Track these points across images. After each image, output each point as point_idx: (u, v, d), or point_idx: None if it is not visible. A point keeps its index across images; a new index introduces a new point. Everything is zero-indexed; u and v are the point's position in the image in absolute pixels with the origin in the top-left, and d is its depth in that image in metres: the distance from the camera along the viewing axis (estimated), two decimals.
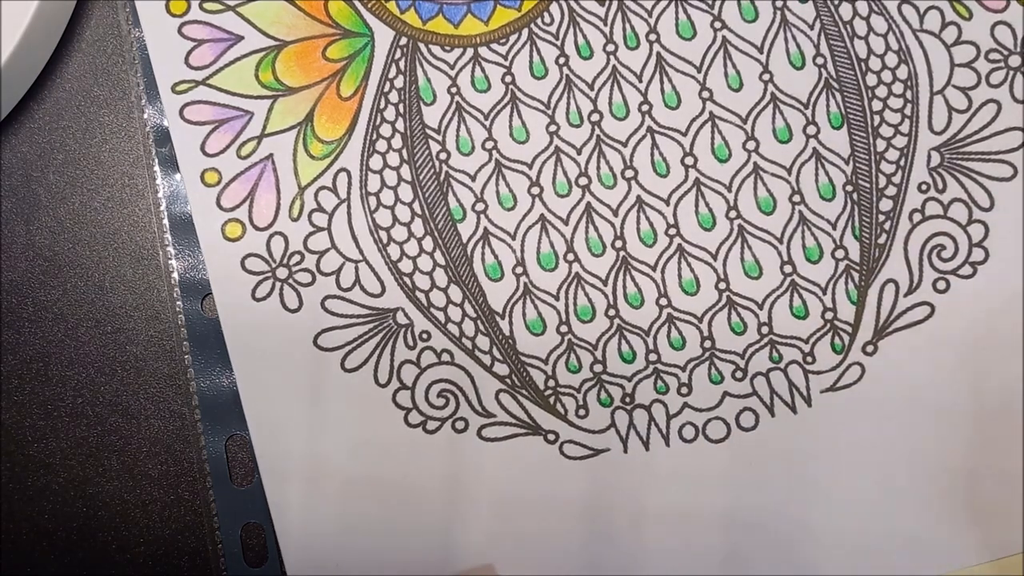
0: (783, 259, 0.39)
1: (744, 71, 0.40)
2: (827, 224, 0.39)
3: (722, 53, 0.40)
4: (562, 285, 0.39)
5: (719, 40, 0.40)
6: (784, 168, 0.39)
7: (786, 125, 0.39)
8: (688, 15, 0.40)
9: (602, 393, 0.39)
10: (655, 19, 0.40)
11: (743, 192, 0.39)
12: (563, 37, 0.40)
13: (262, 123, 0.39)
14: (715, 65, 0.40)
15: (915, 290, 0.39)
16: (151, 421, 0.39)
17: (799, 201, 0.39)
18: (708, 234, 0.39)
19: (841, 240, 0.39)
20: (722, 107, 0.40)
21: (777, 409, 0.39)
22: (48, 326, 0.40)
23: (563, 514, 0.38)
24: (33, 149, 0.40)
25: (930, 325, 0.39)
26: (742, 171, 0.39)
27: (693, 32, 0.40)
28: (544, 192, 0.39)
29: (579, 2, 0.40)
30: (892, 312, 0.39)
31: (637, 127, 0.40)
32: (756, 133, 0.39)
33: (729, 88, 0.40)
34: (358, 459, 0.38)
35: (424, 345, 0.39)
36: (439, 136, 0.40)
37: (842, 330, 0.39)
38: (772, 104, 0.40)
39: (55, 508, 0.39)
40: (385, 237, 0.39)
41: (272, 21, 0.40)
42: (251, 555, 0.38)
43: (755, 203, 0.39)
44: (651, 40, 0.40)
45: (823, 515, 0.38)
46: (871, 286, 0.39)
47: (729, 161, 0.39)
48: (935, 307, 0.39)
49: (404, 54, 0.40)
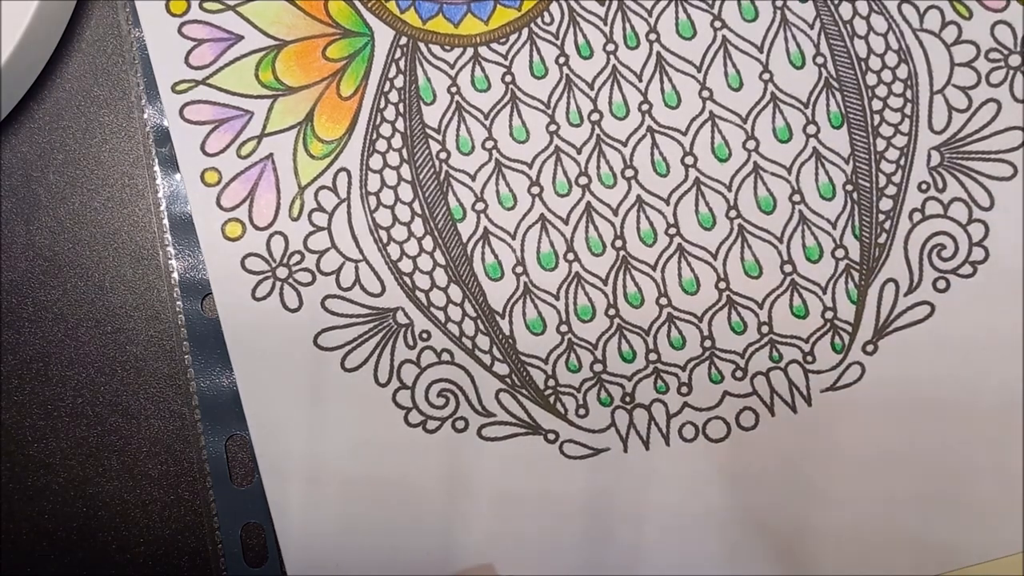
0: (783, 258, 0.39)
1: (744, 71, 0.40)
2: (827, 224, 0.39)
3: (722, 53, 0.40)
4: (562, 285, 0.39)
5: (719, 40, 0.40)
6: (784, 167, 0.39)
7: (786, 124, 0.39)
8: (688, 15, 0.40)
9: (602, 392, 0.39)
10: (655, 19, 0.40)
11: (743, 191, 0.39)
12: (563, 37, 0.40)
13: (262, 123, 0.39)
14: (715, 65, 0.40)
15: (915, 289, 0.39)
16: (151, 421, 0.39)
17: (799, 200, 0.39)
18: (708, 233, 0.39)
19: (841, 239, 0.39)
20: (722, 106, 0.40)
21: (777, 408, 0.39)
22: (48, 326, 0.40)
23: (563, 513, 0.38)
24: (33, 149, 0.40)
25: (930, 324, 0.39)
26: (742, 170, 0.39)
27: (693, 32, 0.40)
28: (544, 192, 0.39)
29: (579, 2, 0.40)
30: (892, 311, 0.39)
31: (637, 127, 0.40)
32: (756, 132, 0.39)
33: (729, 88, 0.40)
34: (358, 459, 0.38)
35: (424, 345, 0.39)
36: (439, 136, 0.40)
37: (842, 329, 0.39)
38: (772, 103, 0.40)
39: (55, 508, 0.39)
40: (385, 236, 0.39)
41: (272, 21, 0.40)
42: (251, 555, 0.38)
43: (755, 202, 0.39)
44: (651, 40, 0.40)
45: (823, 515, 0.38)
46: (871, 285, 0.39)
47: (729, 160, 0.39)
48: (935, 306, 0.39)
49: (404, 54, 0.40)
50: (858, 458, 0.38)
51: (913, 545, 0.38)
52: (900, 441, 0.38)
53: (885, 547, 0.38)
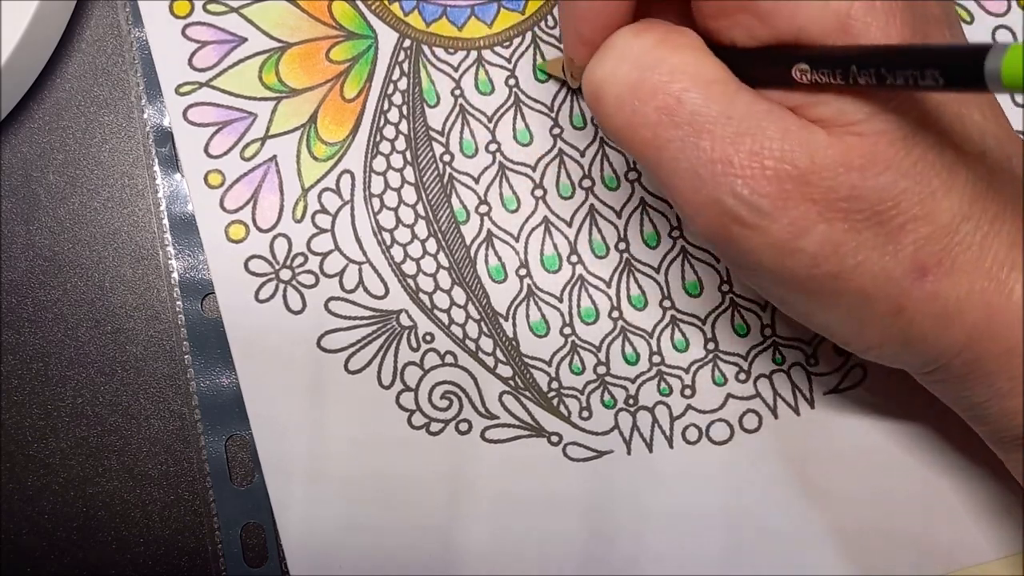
0: None
1: None
2: None
3: None
4: (565, 287, 0.39)
5: None
6: None
7: None
8: None
9: (606, 395, 0.39)
10: None
11: None
12: None
13: (266, 125, 0.39)
14: None
15: None
16: (151, 421, 0.39)
17: None
18: None
19: None
20: None
21: (780, 411, 0.39)
22: (48, 326, 0.39)
23: (566, 515, 0.38)
24: (33, 149, 0.40)
25: None
26: None
27: None
28: (547, 194, 0.39)
29: None
30: None
31: None
32: None
33: None
34: (362, 460, 0.38)
35: (428, 347, 0.39)
36: (443, 138, 0.40)
37: None
38: None
39: (55, 508, 0.39)
40: (389, 239, 0.39)
41: (276, 23, 0.40)
42: (251, 555, 0.38)
43: None
44: None
45: (825, 516, 0.38)
46: None
47: None
48: None
49: (408, 56, 0.40)
50: (860, 460, 0.38)
51: (914, 546, 0.38)
52: (901, 443, 0.38)
53: (886, 548, 0.38)
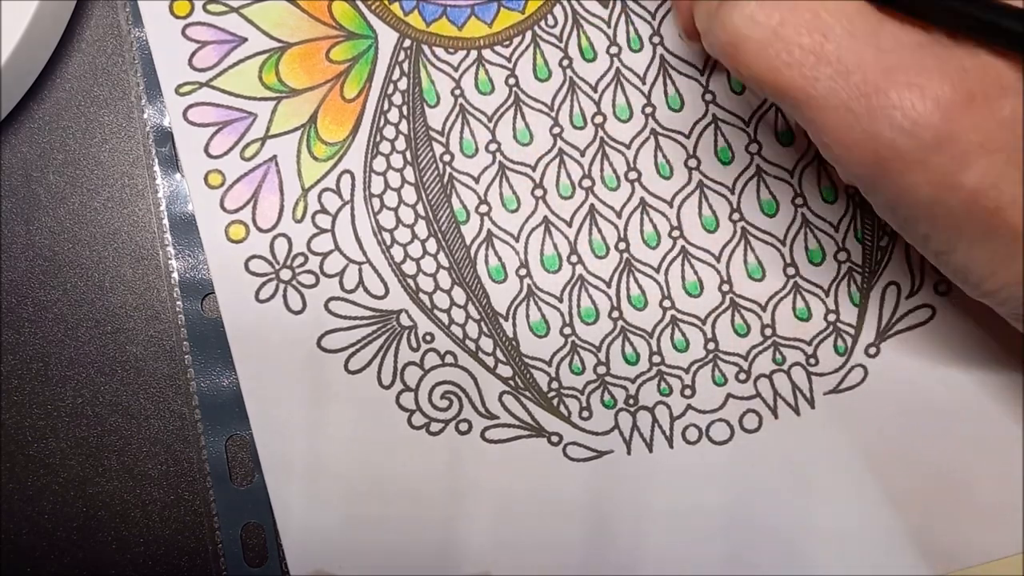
0: (786, 261, 0.39)
1: None
2: (829, 227, 0.39)
3: None
4: (565, 287, 0.39)
5: None
6: (787, 170, 0.39)
7: (789, 128, 0.39)
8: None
9: (606, 395, 0.39)
10: (658, 22, 0.40)
11: (746, 194, 0.39)
12: (567, 39, 0.40)
13: (266, 125, 0.39)
14: (718, 68, 0.40)
15: (916, 292, 0.39)
16: (151, 421, 0.39)
17: (802, 204, 0.39)
18: (711, 236, 0.39)
19: (843, 242, 0.39)
20: (725, 110, 0.40)
21: (780, 411, 0.39)
22: (48, 326, 0.39)
23: (566, 516, 0.38)
24: (33, 149, 0.40)
25: (931, 327, 0.39)
26: (745, 173, 0.39)
27: None
28: (548, 194, 0.39)
29: (583, 4, 0.40)
30: (894, 314, 0.39)
31: (640, 129, 0.40)
32: (759, 135, 0.39)
33: (732, 91, 0.40)
34: (362, 461, 0.38)
35: (428, 347, 0.39)
36: (443, 138, 0.40)
37: (845, 332, 0.39)
38: (775, 107, 0.40)
39: (55, 508, 0.39)
40: (389, 239, 0.39)
41: (276, 23, 0.40)
42: (251, 555, 0.39)
43: (758, 205, 0.39)
44: (654, 43, 0.40)
45: (825, 516, 0.38)
46: (873, 288, 0.39)
47: (732, 163, 0.39)
48: (936, 309, 0.39)
49: (408, 56, 0.40)
50: (860, 460, 0.38)
51: (914, 546, 0.38)
52: (902, 443, 0.38)
53: (886, 548, 0.38)
